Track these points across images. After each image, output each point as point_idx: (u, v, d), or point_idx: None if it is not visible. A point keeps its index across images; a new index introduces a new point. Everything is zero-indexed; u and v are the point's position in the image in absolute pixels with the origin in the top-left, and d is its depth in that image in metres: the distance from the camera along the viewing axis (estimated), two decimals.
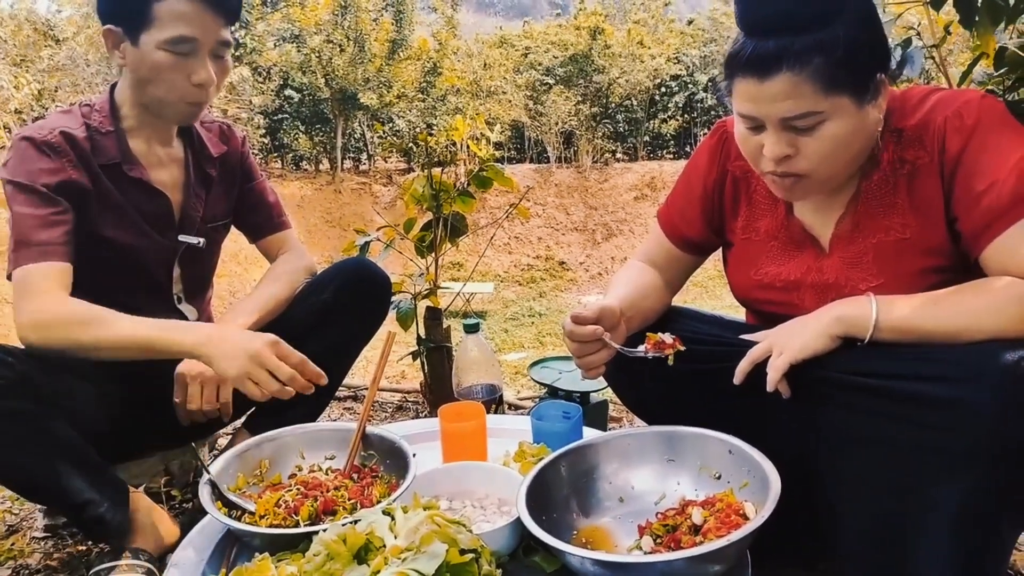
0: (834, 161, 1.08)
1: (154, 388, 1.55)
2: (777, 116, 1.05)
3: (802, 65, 1.00)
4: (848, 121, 1.05)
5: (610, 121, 13.64)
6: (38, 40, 10.33)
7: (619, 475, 1.21)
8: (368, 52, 11.73)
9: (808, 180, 1.11)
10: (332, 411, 2.40)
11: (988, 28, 1.56)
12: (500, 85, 13.01)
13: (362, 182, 11.98)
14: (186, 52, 1.38)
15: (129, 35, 1.39)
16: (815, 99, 1.02)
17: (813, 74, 1.00)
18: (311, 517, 1.15)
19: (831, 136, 1.05)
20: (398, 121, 12.02)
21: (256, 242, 1.76)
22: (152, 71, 1.40)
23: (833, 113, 1.04)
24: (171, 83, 1.40)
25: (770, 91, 1.03)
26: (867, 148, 1.11)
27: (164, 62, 1.38)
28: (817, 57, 1.00)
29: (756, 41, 1.03)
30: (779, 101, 1.03)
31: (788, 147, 1.07)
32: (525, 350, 6.56)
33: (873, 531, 1.07)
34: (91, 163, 1.43)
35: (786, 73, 1.01)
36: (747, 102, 1.07)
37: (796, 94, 1.02)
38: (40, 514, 1.62)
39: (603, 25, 13.47)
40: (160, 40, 1.37)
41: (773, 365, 1.11)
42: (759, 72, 1.03)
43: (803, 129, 1.05)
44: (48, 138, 1.39)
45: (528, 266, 11.47)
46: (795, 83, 1.01)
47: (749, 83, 1.05)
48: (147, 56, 1.38)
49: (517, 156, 13.97)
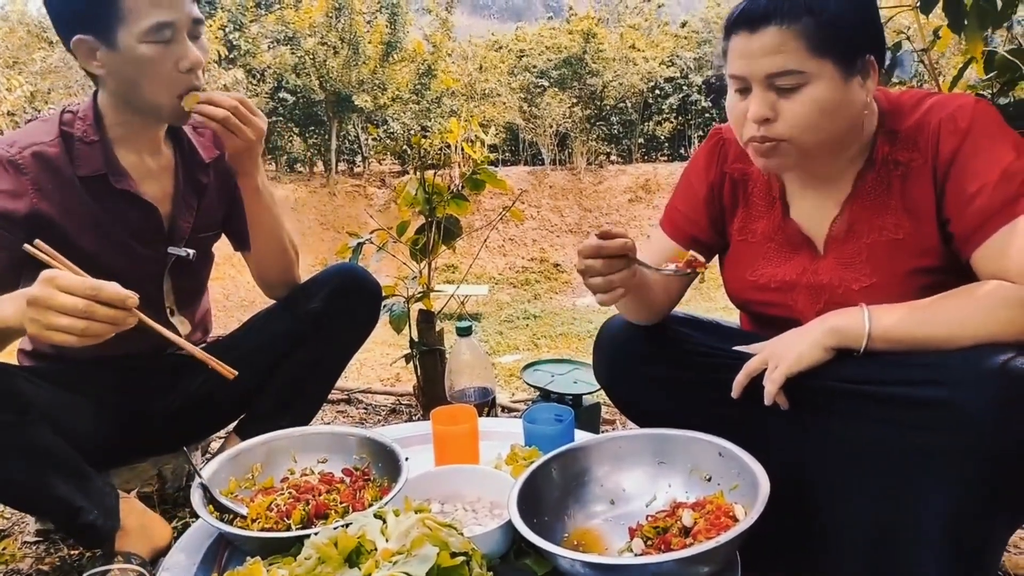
0: (814, 130, 1.09)
1: (145, 394, 1.55)
2: (763, 72, 1.08)
3: (790, 21, 1.05)
4: (831, 88, 1.07)
5: (604, 123, 13.66)
6: (31, 42, 10.29)
7: (610, 478, 1.22)
8: (362, 54, 11.72)
9: (787, 147, 1.12)
10: (325, 414, 2.40)
11: (977, 32, 1.58)
12: (495, 87, 13.02)
13: (356, 184, 11.97)
14: (168, 38, 1.31)
15: (103, 39, 1.31)
16: (800, 57, 1.06)
17: (801, 31, 1.05)
18: (303, 521, 1.15)
19: (812, 100, 1.07)
20: (392, 123, 12.01)
21: (243, 248, 1.66)
22: (138, 68, 1.32)
23: (817, 76, 1.06)
24: (160, 76, 1.33)
25: (758, 44, 1.07)
26: (850, 129, 1.13)
27: (149, 55, 1.30)
28: (805, 16, 1.04)
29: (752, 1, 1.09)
30: (767, 56, 1.07)
31: (770, 109, 1.09)
32: (520, 352, 6.56)
33: (868, 535, 1.08)
34: (67, 180, 1.36)
35: (775, 27, 1.06)
36: (738, 59, 1.11)
37: (783, 49, 1.06)
38: (31, 519, 1.62)
39: (596, 29, 13.49)
40: (139, 32, 1.29)
41: (770, 378, 1.12)
42: (750, 25, 1.08)
43: (786, 90, 1.08)
44: (15, 157, 1.32)
45: (523, 268, 11.47)
46: (783, 38, 1.06)
47: (740, 39, 1.09)
48: (129, 53, 1.30)
49: (511, 158, 13.98)
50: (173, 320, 1.58)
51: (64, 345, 1.05)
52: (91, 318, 1.04)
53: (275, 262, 1.60)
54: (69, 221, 1.37)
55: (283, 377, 1.60)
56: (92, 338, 1.05)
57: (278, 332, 1.61)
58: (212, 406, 1.61)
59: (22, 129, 1.43)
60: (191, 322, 1.63)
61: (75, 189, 1.37)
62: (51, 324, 1.03)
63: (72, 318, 1.03)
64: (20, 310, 1.06)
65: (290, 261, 1.62)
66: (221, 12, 11.25)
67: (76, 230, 1.37)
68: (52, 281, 1.04)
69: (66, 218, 1.36)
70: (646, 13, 16.52)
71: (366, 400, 2.56)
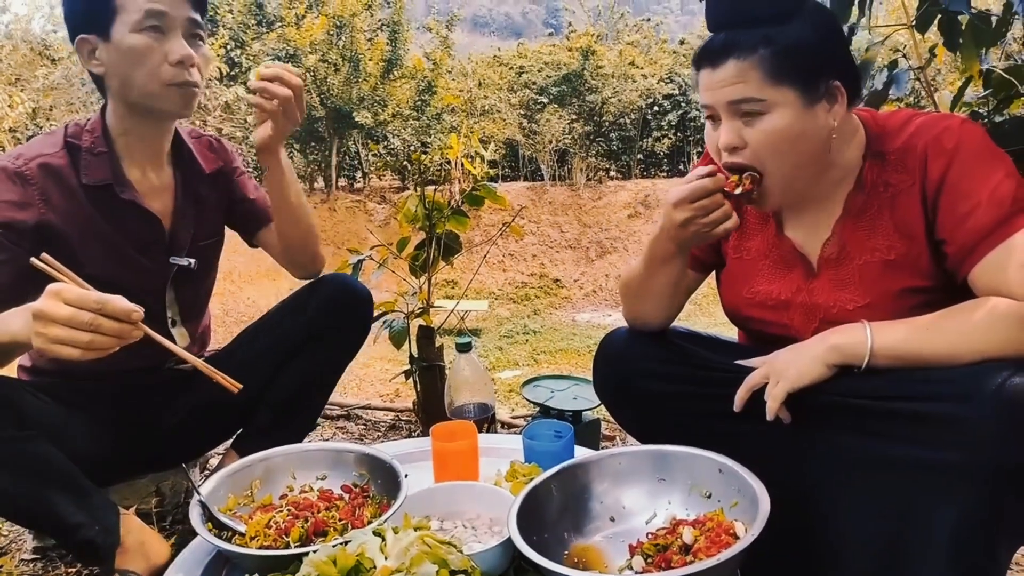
0: (781, 159, 1.13)
1: (143, 409, 1.55)
2: (725, 100, 1.12)
3: (747, 54, 1.09)
4: (792, 116, 1.10)
5: (603, 140, 13.72)
6: (34, 60, 10.35)
7: (610, 494, 1.22)
8: (363, 71, 11.78)
9: (764, 181, 1.15)
10: (324, 430, 2.39)
11: (972, 51, 1.59)
12: (494, 104, 13.08)
13: (356, 200, 11.99)
14: (158, 28, 1.34)
15: (100, 34, 1.36)
16: (760, 86, 1.09)
17: (758, 62, 1.09)
18: (302, 538, 1.15)
19: (774, 126, 1.10)
20: (393, 140, 12.05)
21: (254, 238, 1.72)
22: (130, 59, 1.35)
23: (777, 104, 1.10)
24: (150, 67, 1.35)
25: (719, 77, 1.12)
26: (819, 155, 1.15)
27: (139, 44, 1.34)
28: (762, 48, 1.08)
29: (713, 36, 1.14)
30: (728, 86, 1.11)
31: (737, 137, 1.13)
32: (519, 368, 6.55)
33: (871, 552, 1.07)
34: (72, 190, 1.38)
35: (733, 60, 1.10)
36: (704, 91, 1.16)
37: (742, 79, 1.10)
38: (29, 536, 1.61)
39: (595, 46, 13.59)
40: (132, 23, 1.33)
41: (771, 394, 1.12)
42: (711, 61, 1.13)
43: (750, 116, 1.11)
44: (22, 168, 1.35)
45: (522, 284, 11.46)
46: (741, 69, 1.10)
47: (705, 73, 1.14)
48: (122, 45, 1.34)
49: (511, 174, 14.02)
50: (174, 331, 1.58)
51: (68, 359, 1.05)
52: (96, 331, 1.04)
53: (302, 236, 1.63)
54: (74, 231, 1.38)
55: (278, 391, 1.60)
56: (97, 352, 1.05)
57: (271, 345, 1.61)
58: (209, 420, 1.61)
59: (28, 143, 1.45)
60: (191, 335, 1.64)
61: (80, 199, 1.39)
62: (56, 337, 1.03)
63: (77, 331, 1.03)
64: (27, 324, 1.06)
65: (315, 235, 1.65)
66: (223, 30, 11.32)
67: (80, 240, 1.39)
68: (58, 294, 1.04)
69: (71, 228, 1.38)
70: (645, 31, 16.65)
71: (365, 416, 2.55)
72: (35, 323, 1.04)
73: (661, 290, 1.32)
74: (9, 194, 1.33)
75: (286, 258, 1.68)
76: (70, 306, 1.03)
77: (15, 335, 1.11)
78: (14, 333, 1.11)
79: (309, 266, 1.68)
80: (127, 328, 1.07)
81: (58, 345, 1.04)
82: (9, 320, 1.12)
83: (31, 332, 1.06)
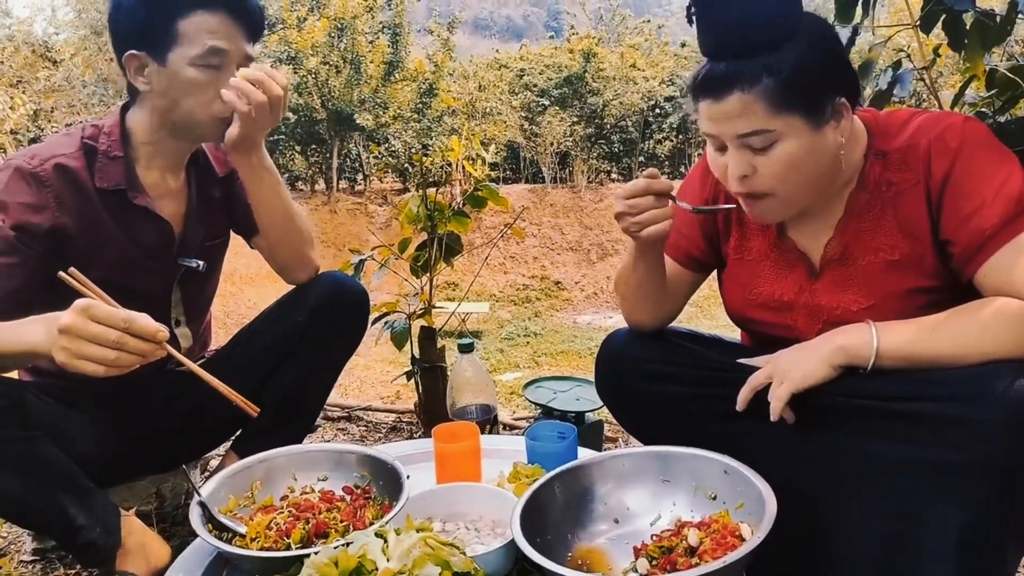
0: (792, 182, 1.11)
1: (144, 410, 1.54)
2: (733, 133, 1.09)
3: (751, 85, 1.05)
4: (802, 142, 1.08)
5: (605, 142, 13.73)
6: (35, 61, 10.37)
7: (614, 496, 1.21)
8: (364, 73, 11.80)
9: (771, 200, 1.14)
10: (325, 432, 2.38)
11: (977, 51, 1.58)
12: (495, 106, 13.09)
13: (358, 202, 11.99)
14: (217, 65, 1.36)
15: (155, 57, 1.35)
16: (766, 118, 1.06)
17: (762, 94, 1.05)
18: (303, 540, 1.14)
19: (785, 156, 1.08)
20: (394, 142, 12.06)
21: (251, 241, 1.69)
22: (184, 89, 1.36)
23: (786, 133, 1.07)
24: (203, 100, 1.37)
25: (724, 110, 1.08)
26: (829, 170, 1.13)
27: (196, 78, 1.35)
28: (766, 78, 1.04)
29: (712, 64, 1.09)
30: (733, 119, 1.08)
31: (747, 166, 1.11)
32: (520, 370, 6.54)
33: (878, 554, 1.07)
34: (87, 193, 1.38)
35: (737, 93, 1.06)
36: (708, 121, 1.12)
37: (748, 112, 1.07)
38: (28, 537, 1.60)
39: (596, 49, 13.61)
40: (191, 56, 1.34)
41: (775, 394, 1.11)
42: (714, 93, 1.09)
43: (759, 148, 1.09)
44: (37, 170, 1.34)
45: (523, 286, 11.47)
46: (746, 102, 1.06)
47: (707, 104, 1.10)
48: (178, 74, 1.35)
49: (512, 176, 14.03)
50: (178, 332, 1.58)
51: (92, 375, 1.06)
52: (122, 349, 1.05)
53: (286, 241, 1.59)
54: (85, 234, 1.38)
55: (276, 390, 1.59)
56: (119, 369, 1.07)
57: (267, 345, 1.60)
58: (209, 421, 1.60)
59: (44, 142, 1.44)
60: (194, 335, 1.63)
61: (93, 201, 1.39)
62: (82, 353, 1.04)
63: (103, 348, 1.04)
64: (50, 336, 1.06)
65: (303, 240, 1.61)
66: None
67: (91, 243, 1.39)
68: (86, 311, 1.05)
69: (82, 231, 1.38)
70: (646, 33, 16.67)
71: (367, 418, 2.54)
72: (61, 338, 1.05)
73: (646, 289, 1.32)
74: (25, 196, 1.32)
75: (275, 262, 1.65)
76: (98, 323, 1.04)
77: (34, 346, 1.11)
78: (33, 344, 1.11)
79: (298, 271, 1.63)
80: (151, 347, 1.08)
81: (83, 361, 1.05)
82: (27, 330, 1.12)
83: (53, 345, 1.06)
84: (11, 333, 1.15)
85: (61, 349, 1.05)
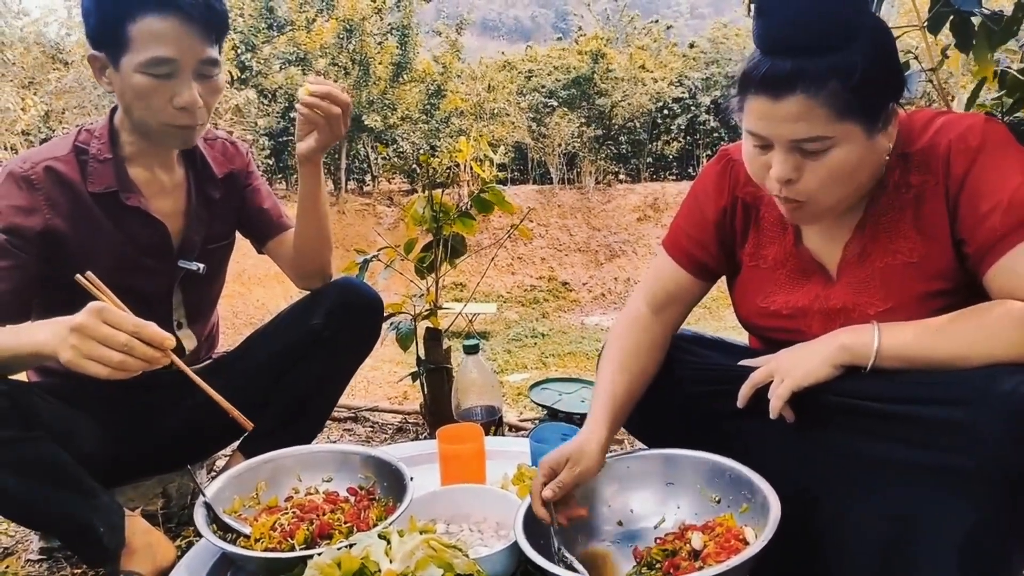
0: (838, 189, 1.07)
1: (150, 410, 1.55)
2: (787, 137, 1.04)
3: (817, 88, 0.99)
4: (856, 149, 1.04)
5: (613, 143, 13.73)
6: (46, 63, 10.44)
7: (618, 498, 1.20)
8: (372, 75, 11.84)
9: (811, 206, 1.10)
10: (331, 432, 2.39)
11: (985, 52, 1.57)
12: (503, 107, 13.10)
13: (366, 203, 12.03)
14: (166, 73, 1.31)
15: (111, 60, 1.34)
16: (827, 124, 1.01)
17: (827, 98, 0.99)
18: (307, 541, 1.14)
19: (838, 163, 1.04)
20: (402, 143, 12.10)
21: (263, 247, 1.71)
22: (133, 96, 1.34)
23: (842, 140, 1.02)
24: (154, 107, 1.34)
25: (782, 111, 1.02)
26: (873, 176, 1.11)
27: (144, 86, 1.32)
28: (833, 81, 0.99)
29: (773, 60, 1.02)
30: (791, 122, 1.02)
31: (794, 170, 1.06)
32: (528, 371, 6.54)
33: (878, 556, 1.05)
34: (79, 195, 1.38)
35: (800, 95, 1.00)
36: (759, 120, 1.05)
37: (808, 117, 1.01)
38: (35, 537, 1.61)
39: (605, 50, 13.61)
40: (137, 63, 1.30)
41: (775, 393, 1.10)
42: (773, 91, 1.02)
43: (811, 153, 1.04)
44: (28, 173, 1.35)
45: (531, 287, 11.48)
46: (809, 106, 1.00)
47: (762, 101, 1.04)
48: (127, 80, 1.32)
49: (520, 177, 14.04)
50: (180, 334, 1.58)
51: (95, 375, 1.09)
52: (129, 353, 1.09)
53: (317, 248, 1.63)
54: (79, 236, 1.38)
55: (286, 394, 1.60)
56: (124, 373, 1.10)
57: (279, 349, 1.61)
58: (216, 422, 1.60)
59: (38, 147, 1.45)
60: (198, 337, 1.63)
61: (86, 204, 1.39)
62: (91, 353, 1.07)
63: (111, 351, 1.08)
64: (59, 337, 1.09)
65: (330, 246, 1.65)
66: (234, 34, 11.40)
67: (85, 245, 1.39)
68: (100, 313, 1.09)
69: (76, 233, 1.38)
70: (655, 34, 16.65)
71: (373, 418, 2.54)
72: (71, 336, 1.08)
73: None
74: (16, 199, 1.34)
75: (296, 268, 1.66)
76: (109, 326, 1.08)
77: (40, 346, 1.13)
78: (40, 344, 1.13)
79: (316, 278, 1.66)
80: (157, 354, 1.12)
81: (89, 361, 1.08)
82: (35, 331, 1.15)
83: (60, 344, 1.09)
84: (18, 335, 1.18)
85: (70, 347, 1.08)
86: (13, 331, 1.20)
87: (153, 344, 1.11)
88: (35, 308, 1.37)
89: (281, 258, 1.69)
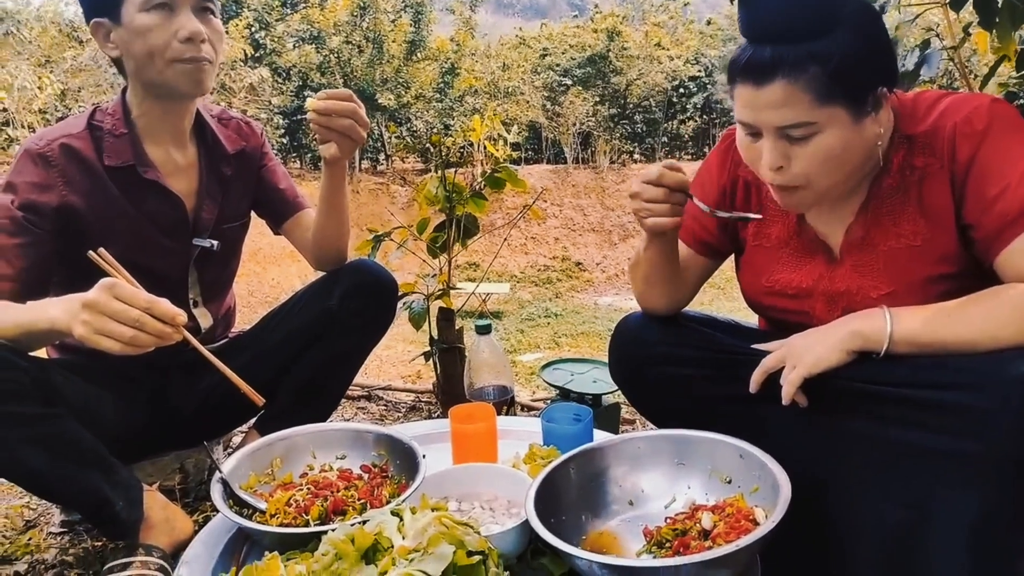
0: (828, 174, 1.08)
1: (168, 387, 1.57)
2: (772, 124, 1.05)
3: (797, 74, 1.01)
4: (842, 134, 1.04)
5: (628, 122, 13.61)
6: (62, 41, 10.47)
7: (629, 478, 1.21)
8: (386, 53, 11.79)
9: (805, 191, 1.11)
10: (345, 411, 2.41)
11: (1008, 29, 1.54)
12: (517, 86, 13.01)
13: (380, 183, 12.02)
14: (167, 5, 1.35)
15: (112, 17, 1.37)
16: (809, 109, 1.02)
17: (808, 83, 1.01)
18: (321, 517, 1.16)
19: (824, 148, 1.05)
20: (416, 122, 12.06)
21: (279, 227, 1.73)
22: (139, 40, 1.36)
23: (827, 124, 1.03)
24: (160, 45, 1.36)
25: (766, 98, 1.04)
26: (866, 161, 1.10)
27: (147, 23, 1.35)
28: (812, 67, 1.00)
29: (756, 48, 1.04)
30: (774, 108, 1.04)
31: (783, 157, 1.07)
32: (540, 351, 6.55)
33: (889, 541, 1.06)
34: (95, 172, 1.40)
35: (781, 81, 1.02)
36: (745, 108, 1.08)
37: (790, 102, 1.02)
38: (57, 510, 1.65)
39: (620, 27, 13.45)
40: (138, 3, 1.34)
41: (787, 379, 1.11)
42: (756, 79, 1.04)
43: (797, 139, 1.05)
44: (44, 150, 1.37)
45: (544, 267, 11.46)
46: (790, 91, 1.02)
47: (747, 89, 1.06)
48: (131, 27, 1.35)
49: (534, 156, 13.97)
50: (195, 312, 1.60)
51: (107, 350, 1.11)
52: (141, 329, 1.11)
53: (335, 235, 1.64)
54: (96, 213, 1.40)
55: (302, 373, 1.61)
56: (135, 348, 1.13)
57: (296, 329, 1.62)
58: (233, 400, 1.62)
59: (54, 125, 1.48)
60: (214, 316, 1.65)
61: (102, 181, 1.41)
62: (103, 329, 1.10)
63: (123, 326, 1.10)
64: (71, 312, 1.12)
65: (348, 232, 1.67)
66: (247, 12, 11.36)
67: (102, 222, 1.41)
68: (111, 289, 1.11)
69: (93, 210, 1.40)
70: (671, 11, 16.44)
71: (386, 397, 2.57)
72: (83, 311, 1.10)
73: (659, 275, 1.31)
74: (32, 176, 1.36)
75: (314, 252, 1.68)
76: (120, 301, 1.10)
77: (54, 321, 1.16)
78: (53, 318, 1.16)
79: (333, 261, 1.68)
80: (169, 330, 1.14)
81: (101, 336, 1.11)
82: (49, 307, 1.18)
83: (73, 320, 1.12)
84: (33, 312, 1.21)
85: (82, 323, 1.11)
86: (28, 308, 1.23)
87: (165, 320, 1.13)
88: (53, 286, 1.39)
89: (298, 240, 1.71)
